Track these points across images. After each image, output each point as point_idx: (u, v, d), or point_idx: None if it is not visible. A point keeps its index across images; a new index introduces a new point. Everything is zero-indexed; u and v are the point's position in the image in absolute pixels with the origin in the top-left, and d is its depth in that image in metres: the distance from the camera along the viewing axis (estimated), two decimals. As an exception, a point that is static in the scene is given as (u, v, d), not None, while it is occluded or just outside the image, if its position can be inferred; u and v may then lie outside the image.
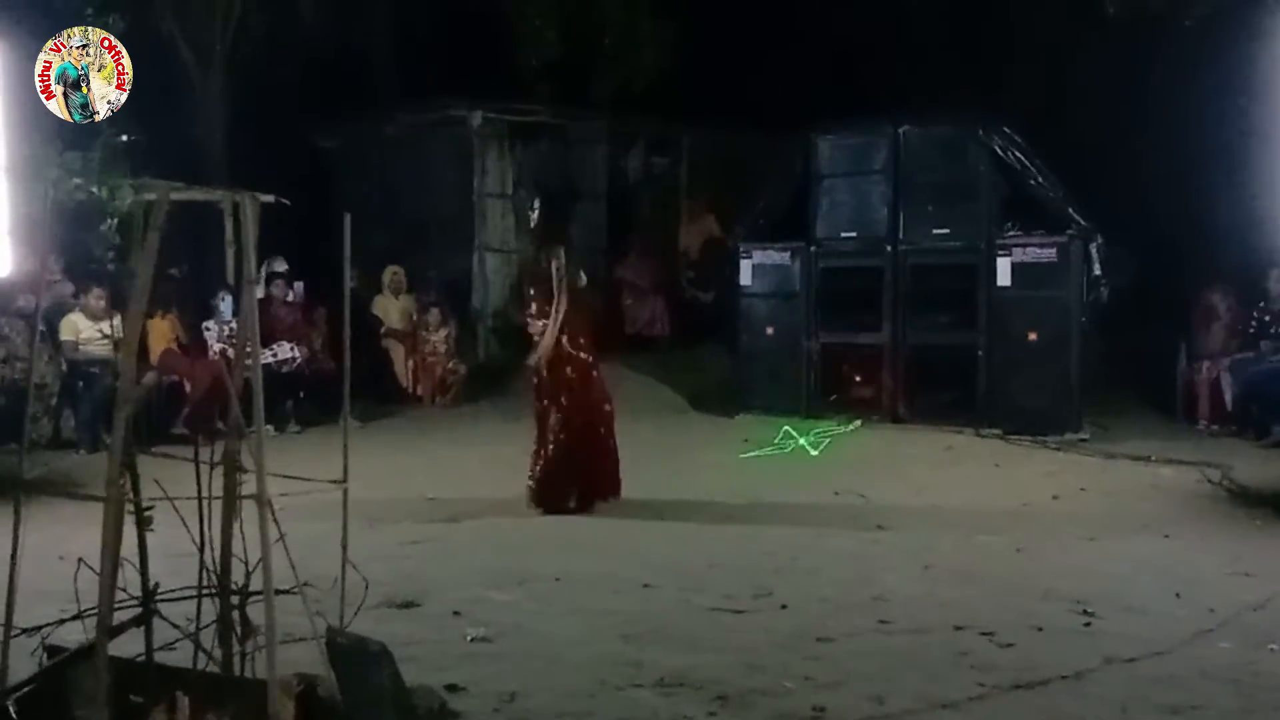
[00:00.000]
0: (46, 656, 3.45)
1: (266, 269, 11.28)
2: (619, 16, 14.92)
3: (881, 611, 5.16)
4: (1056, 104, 13.11)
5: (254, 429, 3.28)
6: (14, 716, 3.22)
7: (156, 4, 12.32)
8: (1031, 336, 9.96)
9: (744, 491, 7.97)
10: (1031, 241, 10.03)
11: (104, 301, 9.86)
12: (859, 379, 11.09)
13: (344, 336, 3.86)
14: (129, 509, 3.25)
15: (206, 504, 3.34)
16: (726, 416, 11.15)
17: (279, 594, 3.15)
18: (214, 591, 3.42)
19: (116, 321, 8.21)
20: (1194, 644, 4.69)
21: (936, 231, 10.53)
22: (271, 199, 3.49)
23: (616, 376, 9.81)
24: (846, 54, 15.05)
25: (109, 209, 9.10)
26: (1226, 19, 10.93)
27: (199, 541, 3.37)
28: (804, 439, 9.85)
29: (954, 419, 10.20)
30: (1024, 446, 9.53)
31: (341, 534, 3.60)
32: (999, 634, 4.79)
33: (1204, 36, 11.59)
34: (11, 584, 3.26)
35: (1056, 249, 9.91)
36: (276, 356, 10.73)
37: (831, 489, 7.99)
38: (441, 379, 12.46)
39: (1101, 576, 5.74)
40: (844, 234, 11.00)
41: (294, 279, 11.74)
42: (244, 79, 13.57)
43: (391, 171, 14.20)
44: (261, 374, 3.47)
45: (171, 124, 12.11)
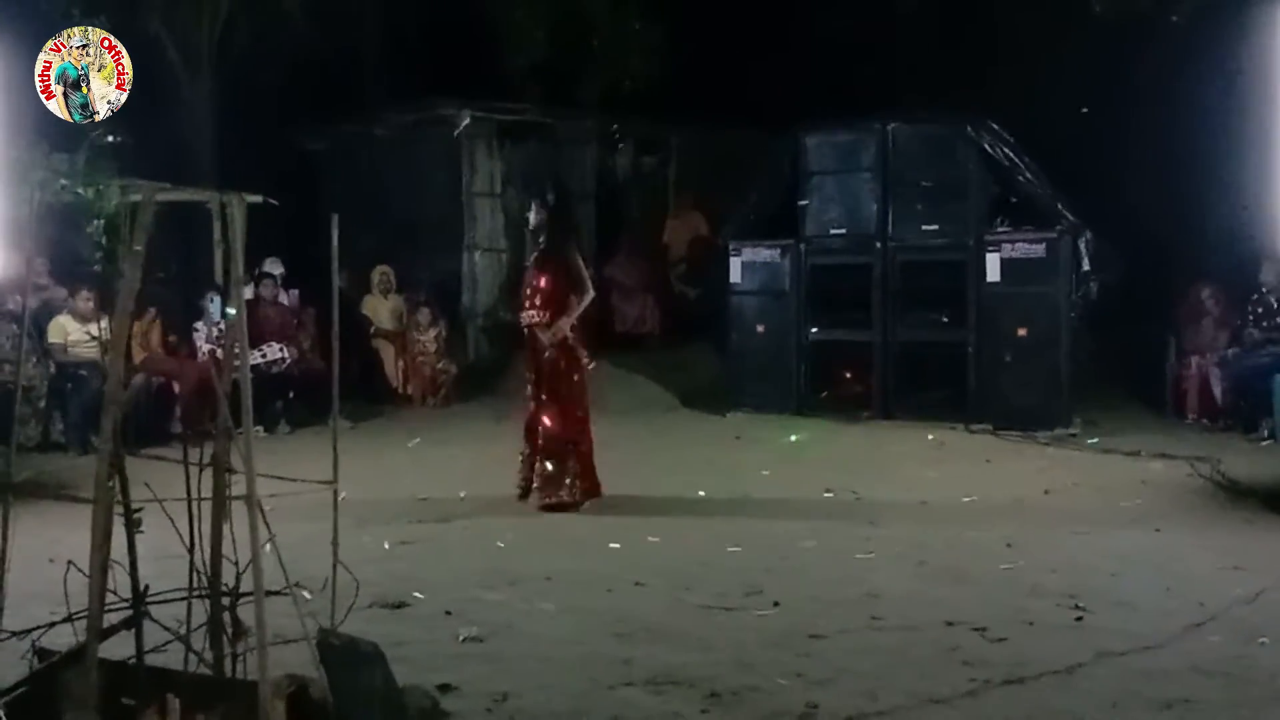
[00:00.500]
0: (37, 659, 3.44)
1: (259, 270, 11.25)
2: (607, 19, 14.89)
3: (873, 608, 5.16)
4: (1044, 101, 13.12)
5: (242, 430, 3.27)
6: (4, 720, 3.21)
7: (144, 5, 12.27)
8: (1021, 332, 9.99)
9: (735, 489, 7.98)
10: (1020, 237, 10.07)
11: (92, 303, 9.84)
12: (849, 375, 11.10)
13: (333, 337, 3.86)
14: (118, 511, 3.24)
15: (196, 505, 3.33)
16: (717, 414, 11.16)
17: (269, 595, 3.13)
18: (204, 593, 3.41)
19: (104, 323, 8.18)
20: (1185, 638, 4.71)
21: (926, 228, 10.56)
22: (259, 199, 3.47)
23: (606, 375, 9.81)
24: (834, 53, 15.04)
25: (96, 210, 9.05)
26: (1213, 15, 10.98)
27: (189, 543, 3.36)
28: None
29: (944, 415, 10.22)
30: (1014, 442, 9.56)
31: (332, 534, 3.60)
32: (990, 629, 4.80)
33: (1190, 33, 11.63)
34: (0, 587, 3.25)
35: (1045, 245, 9.94)
36: (266, 357, 10.70)
37: (823, 486, 7.99)
38: (432, 379, 12.44)
39: (1092, 571, 5.75)
40: (833, 231, 11.03)
41: (289, 285, 11.72)
42: (231, 80, 13.53)
43: (380, 172, 14.16)
44: (250, 375, 3.46)
45: (159, 125, 12.05)
